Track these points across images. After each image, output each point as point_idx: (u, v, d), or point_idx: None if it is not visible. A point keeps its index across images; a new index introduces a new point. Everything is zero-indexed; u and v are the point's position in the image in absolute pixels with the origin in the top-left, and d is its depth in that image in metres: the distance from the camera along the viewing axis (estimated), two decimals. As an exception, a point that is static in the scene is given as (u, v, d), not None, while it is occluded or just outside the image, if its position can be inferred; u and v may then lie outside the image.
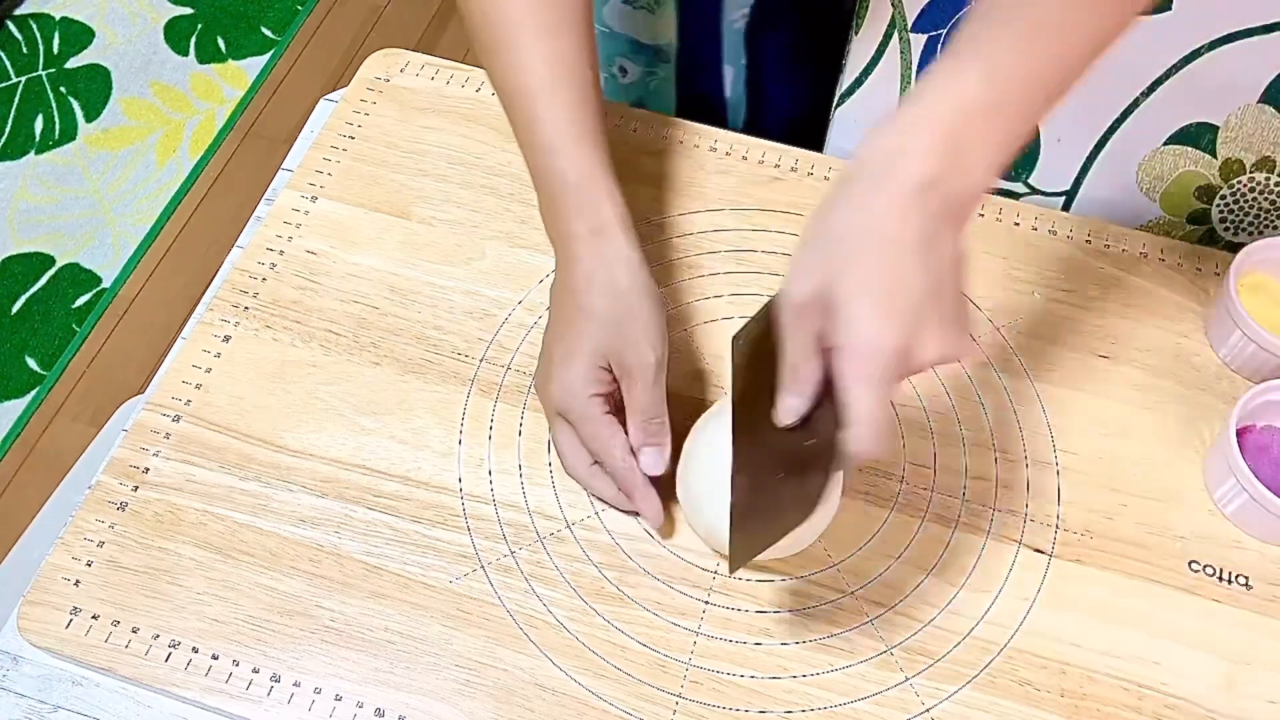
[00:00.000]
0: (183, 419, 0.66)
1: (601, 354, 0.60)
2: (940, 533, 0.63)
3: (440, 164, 0.77)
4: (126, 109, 1.86)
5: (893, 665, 0.59)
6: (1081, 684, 0.59)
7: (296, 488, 0.64)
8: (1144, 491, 0.65)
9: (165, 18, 1.97)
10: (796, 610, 0.61)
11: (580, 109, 0.62)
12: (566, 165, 0.61)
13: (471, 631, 0.59)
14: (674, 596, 0.61)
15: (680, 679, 0.59)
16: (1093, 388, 0.68)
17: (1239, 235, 0.77)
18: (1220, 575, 0.62)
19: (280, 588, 0.60)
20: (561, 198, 0.62)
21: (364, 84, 0.81)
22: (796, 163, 0.77)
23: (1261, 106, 0.69)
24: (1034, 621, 0.61)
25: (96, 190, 1.77)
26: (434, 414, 0.66)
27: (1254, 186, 0.74)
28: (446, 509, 0.63)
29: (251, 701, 0.57)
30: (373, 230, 0.74)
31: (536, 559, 0.62)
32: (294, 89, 1.90)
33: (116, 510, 0.63)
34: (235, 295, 0.71)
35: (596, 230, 0.61)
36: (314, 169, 0.76)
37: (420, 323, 0.70)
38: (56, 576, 0.60)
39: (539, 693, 0.58)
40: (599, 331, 0.60)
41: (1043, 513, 0.64)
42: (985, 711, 0.58)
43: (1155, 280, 0.73)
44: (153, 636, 0.59)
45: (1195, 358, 0.70)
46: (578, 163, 0.61)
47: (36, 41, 1.92)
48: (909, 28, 0.72)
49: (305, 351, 0.69)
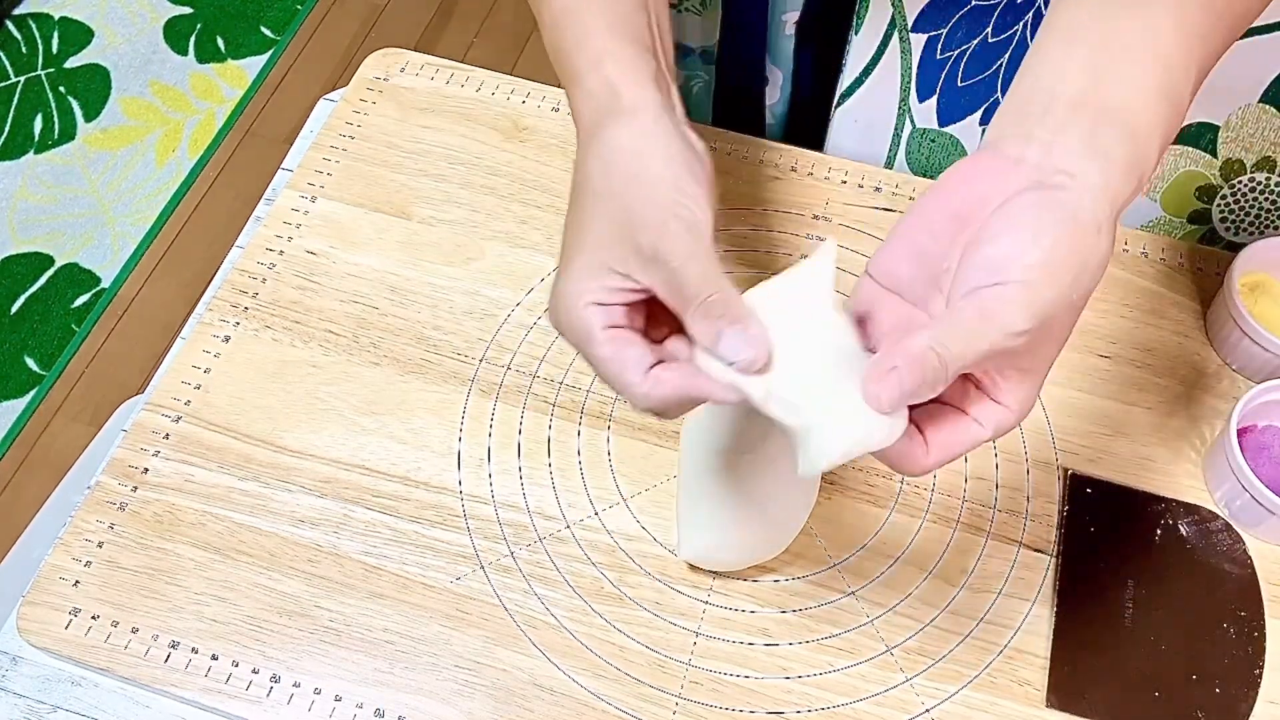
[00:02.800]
0: (182, 419, 0.66)
1: (604, 247, 0.46)
2: (940, 533, 0.63)
3: (440, 164, 0.77)
4: (126, 109, 1.86)
5: (893, 665, 0.59)
6: (1082, 684, 0.59)
7: (296, 488, 0.64)
8: (1144, 491, 0.65)
9: (165, 17, 1.97)
10: (796, 610, 0.61)
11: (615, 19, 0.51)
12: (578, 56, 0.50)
13: (471, 632, 0.59)
14: (674, 596, 0.61)
15: (680, 679, 0.59)
16: (1093, 388, 0.68)
17: (1239, 235, 0.77)
18: (1220, 575, 0.62)
19: (279, 588, 0.60)
20: (571, 90, 0.51)
21: (364, 84, 0.81)
22: (797, 163, 0.77)
23: (1262, 106, 0.69)
24: (1034, 621, 0.60)
25: (96, 190, 1.77)
26: (434, 414, 0.66)
27: (1254, 186, 0.74)
28: (446, 509, 0.63)
29: (251, 702, 0.57)
30: (372, 230, 0.74)
31: (536, 559, 0.62)
32: (293, 89, 1.90)
33: (116, 510, 0.63)
34: (235, 295, 0.71)
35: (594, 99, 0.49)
36: (314, 169, 0.76)
37: (420, 323, 0.70)
38: (55, 577, 0.60)
39: (538, 693, 0.58)
40: (596, 221, 0.47)
41: (1043, 512, 0.64)
42: (985, 711, 0.58)
43: (1155, 280, 0.73)
44: (152, 637, 0.59)
45: (1195, 358, 0.70)
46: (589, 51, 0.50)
47: (36, 41, 1.92)
48: (909, 28, 0.72)
49: (305, 351, 0.69)
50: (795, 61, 0.81)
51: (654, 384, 0.45)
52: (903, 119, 0.77)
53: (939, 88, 0.74)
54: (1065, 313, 0.42)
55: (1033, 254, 0.41)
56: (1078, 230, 0.42)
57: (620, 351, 0.45)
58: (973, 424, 0.45)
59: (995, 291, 0.41)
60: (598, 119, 0.48)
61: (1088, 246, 0.42)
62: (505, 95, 0.80)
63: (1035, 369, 0.44)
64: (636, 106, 0.48)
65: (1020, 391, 0.44)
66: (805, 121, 0.85)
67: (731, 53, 0.82)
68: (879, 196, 0.76)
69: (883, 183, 0.76)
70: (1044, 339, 0.43)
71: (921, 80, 0.74)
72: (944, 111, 0.75)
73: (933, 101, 0.75)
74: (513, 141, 0.78)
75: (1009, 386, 0.44)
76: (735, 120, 0.84)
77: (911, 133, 0.77)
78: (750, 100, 0.85)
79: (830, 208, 0.75)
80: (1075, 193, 0.42)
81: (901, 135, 0.78)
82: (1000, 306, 0.41)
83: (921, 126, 0.76)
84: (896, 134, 0.78)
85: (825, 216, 0.75)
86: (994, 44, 0.71)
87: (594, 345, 0.46)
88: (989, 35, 0.70)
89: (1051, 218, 0.42)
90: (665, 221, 0.45)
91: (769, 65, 0.82)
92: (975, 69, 0.72)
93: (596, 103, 0.49)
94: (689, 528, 0.59)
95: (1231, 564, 0.62)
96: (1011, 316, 0.41)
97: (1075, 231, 0.42)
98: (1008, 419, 0.44)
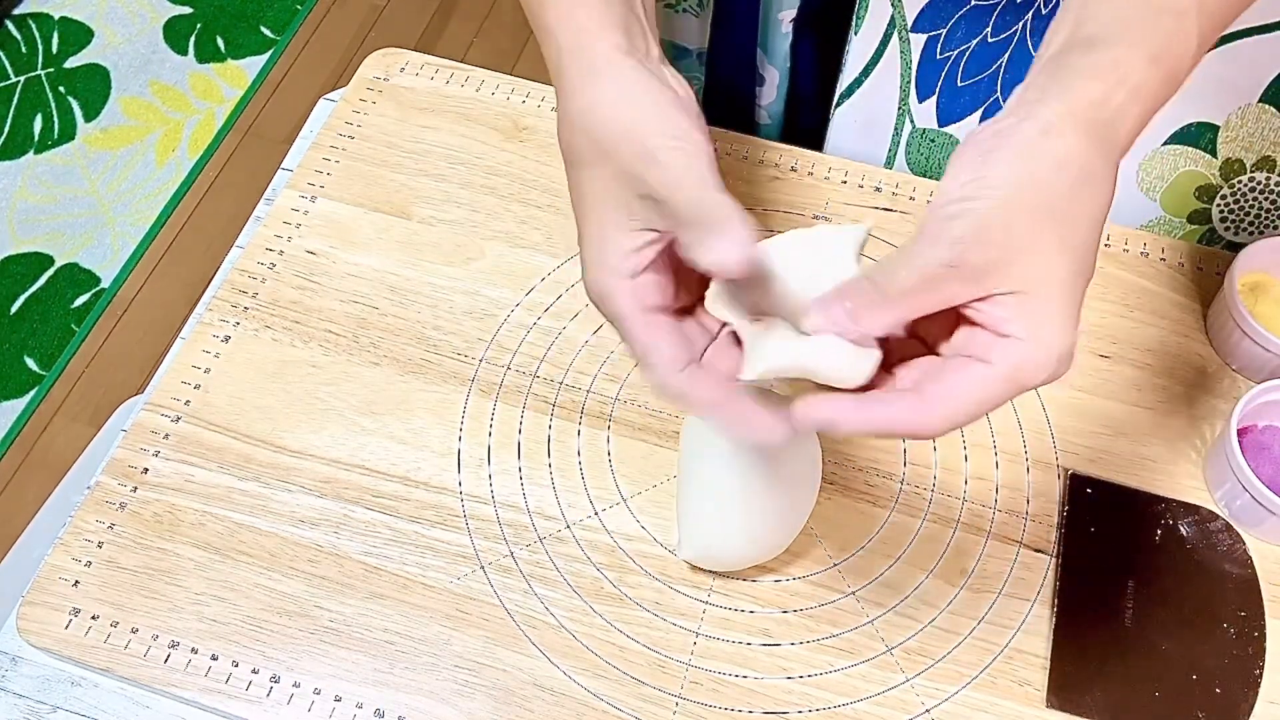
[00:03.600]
0: (182, 419, 0.66)
1: (611, 208, 0.45)
2: (940, 533, 0.63)
3: (440, 164, 0.77)
4: (126, 109, 1.86)
5: (893, 665, 0.59)
6: (1082, 684, 0.59)
7: (296, 488, 0.64)
8: (1144, 491, 0.65)
9: (164, 17, 1.97)
10: (796, 610, 0.61)
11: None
12: (558, 29, 0.48)
13: (471, 632, 0.59)
14: (674, 597, 0.61)
15: (680, 679, 0.58)
16: (1093, 388, 0.68)
17: (1239, 235, 0.77)
18: (1220, 575, 0.62)
19: (279, 588, 0.60)
20: (545, 47, 0.49)
21: (363, 84, 0.81)
22: (797, 163, 0.77)
23: (1262, 106, 0.69)
24: (1034, 621, 0.60)
25: (95, 190, 1.77)
26: (434, 414, 0.66)
27: (1254, 186, 0.74)
28: (446, 509, 0.63)
29: (251, 702, 0.57)
30: (372, 230, 0.74)
31: (536, 559, 0.62)
32: (293, 89, 1.90)
33: (116, 510, 0.63)
34: (235, 295, 0.71)
35: (566, 55, 0.48)
36: (313, 169, 0.76)
37: (420, 323, 0.70)
38: (55, 577, 0.60)
39: (538, 693, 0.58)
40: (595, 183, 0.46)
41: (1043, 513, 0.64)
42: (985, 712, 0.58)
43: (1155, 280, 0.73)
44: (152, 637, 0.59)
45: (1195, 358, 0.70)
46: (568, 11, 0.48)
47: (35, 41, 1.92)
48: (909, 28, 0.72)
49: (305, 351, 0.69)
50: (792, 60, 0.81)
51: (691, 382, 0.44)
52: (902, 119, 0.77)
53: (939, 87, 0.74)
54: (1031, 219, 0.40)
55: (964, 176, 0.41)
56: (1019, 139, 0.41)
57: (652, 330, 0.45)
58: (975, 364, 0.41)
59: (932, 212, 0.41)
60: (573, 77, 0.47)
61: (1031, 149, 0.40)
62: (505, 95, 0.80)
63: (1032, 289, 0.40)
64: (609, 59, 0.46)
65: (1027, 318, 0.40)
66: (803, 121, 0.85)
67: (723, 50, 0.82)
68: (879, 196, 0.76)
69: (883, 182, 0.76)
70: (1016, 252, 0.40)
71: (921, 80, 0.74)
72: (944, 111, 0.75)
73: (932, 101, 0.75)
74: (513, 141, 0.78)
75: (1007, 315, 0.40)
76: (725, 118, 0.83)
77: (911, 132, 0.77)
78: (741, 98, 0.84)
79: (830, 208, 0.75)
80: (1024, 113, 0.41)
81: (901, 135, 0.78)
82: (932, 223, 0.40)
83: (921, 126, 0.76)
84: (896, 134, 0.78)
85: (825, 216, 0.75)
86: (994, 44, 0.71)
87: (627, 328, 0.45)
88: (989, 35, 0.70)
89: (995, 140, 0.41)
90: (655, 157, 0.43)
91: (765, 64, 0.81)
92: (975, 69, 0.72)
93: (570, 58, 0.48)
94: (689, 527, 0.59)
95: (1232, 564, 0.62)
96: (944, 228, 0.40)
97: (1016, 140, 0.41)
98: (1021, 350, 0.40)
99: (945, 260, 0.40)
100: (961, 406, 0.40)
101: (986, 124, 0.43)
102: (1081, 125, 0.41)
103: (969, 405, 0.40)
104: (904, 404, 0.41)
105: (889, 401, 0.42)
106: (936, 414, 0.40)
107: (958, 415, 0.40)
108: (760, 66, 0.82)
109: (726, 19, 0.79)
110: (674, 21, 0.81)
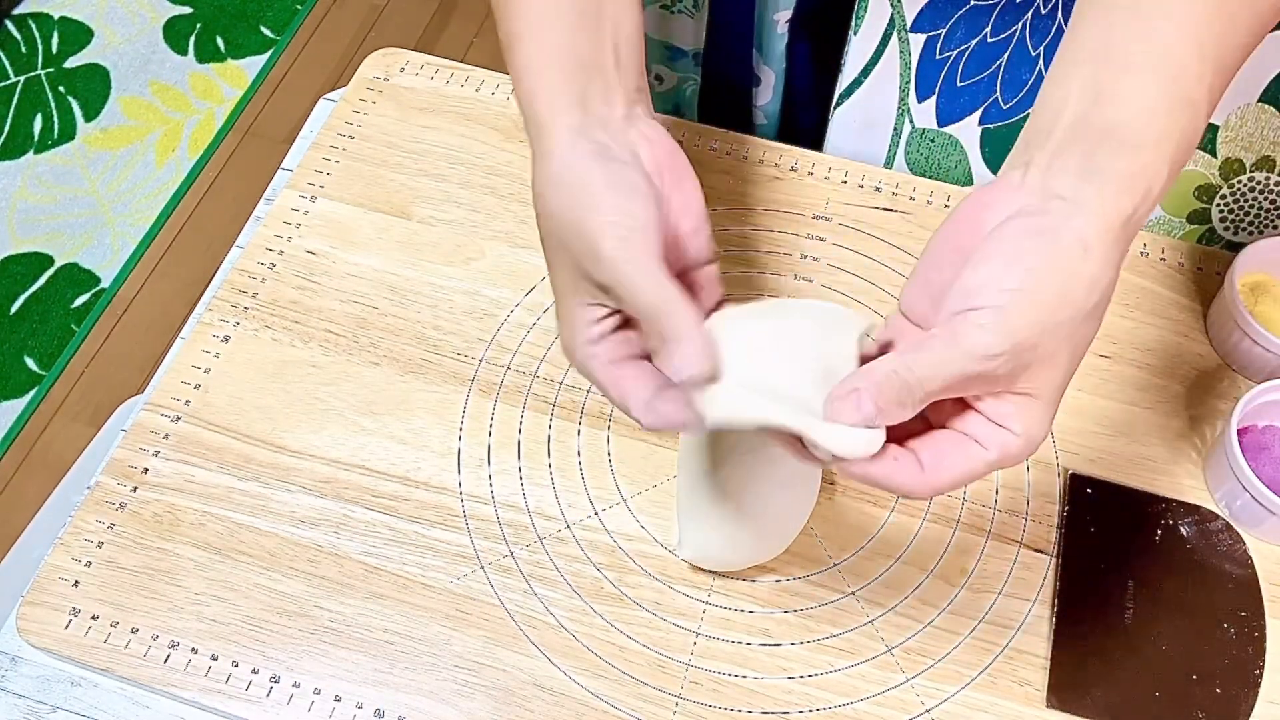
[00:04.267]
0: (182, 419, 0.66)
1: (571, 290, 0.48)
2: (940, 533, 0.63)
3: (440, 164, 0.77)
4: (125, 109, 1.86)
5: (893, 665, 0.59)
6: (1082, 684, 0.59)
7: (296, 488, 0.64)
8: (1144, 491, 0.65)
9: (164, 17, 1.97)
10: (796, 610, 0.61)
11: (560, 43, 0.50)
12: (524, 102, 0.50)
13: (471, 632, 0.59)
14: (674, 597, 0.61)
15: (680, 679, 0.59)
16: (1093, 388, 0.68)
17: (1239, 235, 0.77)
18: (1220, 575, 0.62)
19: (279, 588, 0.60)
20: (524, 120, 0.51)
21: (363, 83, 0.81)
22: (797, 163, 0.77)
23: (1261, 106, 0.69)
24: (1034, 621, 0.60)
25: (95, 190, 1.77)
26: (434, 414, 0.66)
27: (1254, 186, 0.74)
28: (446, 509, 0.63)
29: (251, 702, 0.57)
30: (372, 230, 0.74)
31: (536, 559, 0.62)
32: (293, 88, 1.90)
33: (115, 510, 0.63)
34: (234, 295, 0.71)
35: (535, 126, 0.49)
36: (313, 169, 0.76)
37: (420, 323, 0.70)
38: (55, 577, 0.60)
39: (538, 693, 0.58)
40: (555, 264, 0.49)
41: (1043, 513, 0.64)
42: (985, 712, 0.58)
43: (1155, 280, 0.73)
44: (152, 637, 0.59)
45: (1195, 358, 0.70)
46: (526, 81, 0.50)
47: (35, 41, 1.92)
48: (908, 28, 0.72)
49: (305, 351, 0.69)
50: (788, 61, 0.81)
51: (653, 416, 0.46)
52: (902, 119, 0.77)
53: (938, 87, 0.74)
54: (1055, 336, 0.43)
55: (1009, 279, 0.42)
56: (1059, 252, 0.42)
57: (620, 384, 0.47)
58: (972, 444, 0.44)
59: (967, 316, 0.42)
60: (535, 155, 0.49)
61: (1070, 268, 0.42)
62: (505, 95, 0.80)
63: (1038, 394, 0.44)
64: (559, 140, 0.48)
65: (1025, 417, 0.44)
66: (801, 121, 0.85)
67: (718, 52, 0.82)
68: (879, 196, 0.76)
69: (883, 182, 0.76)
70: (1035, 362, 0.43)
71: (921, 80, 0.74)
72: (943, 111, 0.75)
73: (932, 101, 0.75)
74: (513, 141, 0.78)
75: (1010, 411, 0.44)
76: (722, 118, 0.83)
77: (911, 133, 0.77)
78: (737, 99, 0.85)
79: (830, 207, 0.75)
80: (1062, 215, 0.42)
81: (901, 135, 0.78)
82: (969, 330, 0.42)
83: (921, 126, 0.77)
84: (896, 134, 0.78)
85: (825, 216, 0.75)
86: (993, 44, 0.71)
87: (598, 381, 0.48)
88: (988, 35, 0.70)
89: (1033, 242, 0.42)
90: (600, 249, 0.45)
91: (761, 64, 0.81)
92: (974, 69, 0.72)
93: (534, 132, 0.50)
94: (689, 528, 0.59)
95: (1232, 564, 0.62)
96: (980, 339, 0.42)
97: (1056, 254, 0.42)
98: (1014, 443, 0.44)
99: (976, 372, 0.42)
100: (952, 479, 0.45)
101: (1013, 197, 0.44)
102: (1113, 242, 0.43)
103: (958, 478, 0.45)
104: (907, 471, 0.44)
105: (894, 462, 0.44)
106: (931, 483, 0.44)
107: (946, 486, 0.45)
108: (756, 67, 0.82)
109: (721, 20, 0.80)
110: (669, 22, 0.81)
